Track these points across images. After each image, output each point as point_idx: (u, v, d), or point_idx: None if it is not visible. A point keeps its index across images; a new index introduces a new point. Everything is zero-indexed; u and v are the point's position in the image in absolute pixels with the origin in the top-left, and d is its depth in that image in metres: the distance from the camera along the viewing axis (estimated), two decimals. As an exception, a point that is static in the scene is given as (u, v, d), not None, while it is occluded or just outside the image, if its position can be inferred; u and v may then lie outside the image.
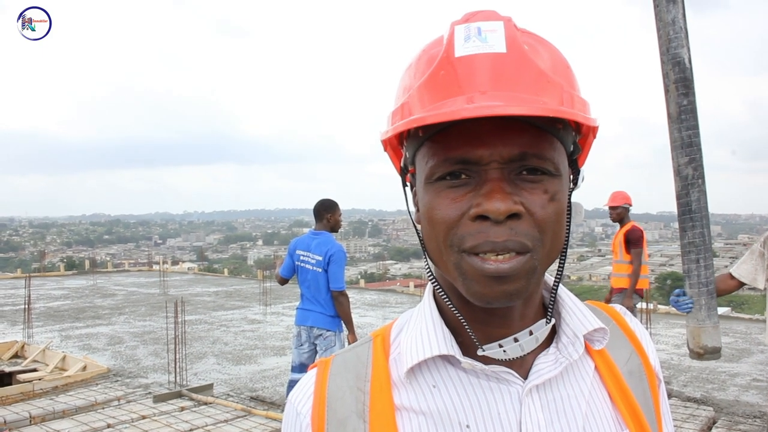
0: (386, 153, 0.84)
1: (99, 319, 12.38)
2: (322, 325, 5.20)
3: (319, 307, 5.20)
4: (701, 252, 3.38)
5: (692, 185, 3.33)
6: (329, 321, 5.20)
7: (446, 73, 0.69)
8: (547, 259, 0.71)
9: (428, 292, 0.82)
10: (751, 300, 25.80)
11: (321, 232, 5.33)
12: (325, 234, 5.33)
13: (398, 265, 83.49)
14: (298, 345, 5.33)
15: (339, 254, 5.21)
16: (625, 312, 0.90)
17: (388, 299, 15.76)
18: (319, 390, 0.79)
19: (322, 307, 5.20)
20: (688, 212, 3.36)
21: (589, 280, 64.72)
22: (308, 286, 5.26)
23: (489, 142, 0.67)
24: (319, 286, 5.20)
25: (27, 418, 6.05)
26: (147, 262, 29.53)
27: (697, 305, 3.45)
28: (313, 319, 5.22)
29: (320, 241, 5.26)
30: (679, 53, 3.24)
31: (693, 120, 3.29)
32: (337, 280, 5.17)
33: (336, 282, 5.16)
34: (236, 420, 6.16)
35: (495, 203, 0.66)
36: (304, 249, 5.31)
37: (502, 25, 0.70)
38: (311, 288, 5.24)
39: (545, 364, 0.76)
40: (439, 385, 0.76)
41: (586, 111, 0.73)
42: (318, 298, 5.21)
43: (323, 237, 5.30)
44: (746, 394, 7.12)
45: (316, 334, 5.23)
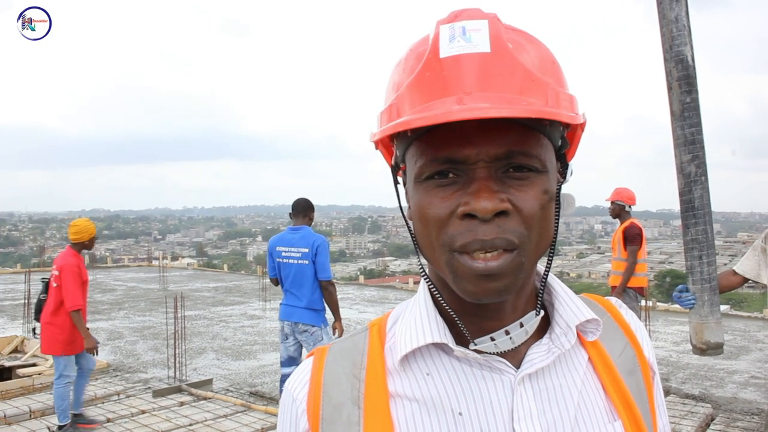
0: (378, 150, 0.85)
1: (98, 314, 12.39)
2: (307, 321, 5.28)
3: (303, 303, 5.28)
4: (704, 249, 3.38)
5: (695, 182, 3.33)
6: (314, 316, 5.28)
7: (432, 74, 0.70)
8: (535, 254, 0.72)
9: (423, 285, 0.83)
10: (750, 298, 25.86)
11: (301, 227, 5.43)
12: (306, 228, 5.44)
13: (398, 261, 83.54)
14: (283, 339, 5.43)
15: (324, 245, 5.37)
16: (621, 305, 0.91)
17: (387, 295, 15.79)
18: (315, 377, 0.81)
19: (306, 301, 5.27)
20: (691, 209, 3.37)
21: (588, 278, 64.81)
22: (291, 281, 5.34)
23: (475, 141, 0.68)
24: (303, 279, 5.28)
25: (27, 413, 6.08)
26: (146, 257, 29.55)
27: (699, 301, 3.46)
28: (298, 315, 5.30)
29: (303, 235, 5.37)
30: (682, 51, 3.24)
31: (696, 117, 3.29)
32: (325, 270, 5.31)
33: (324, 272, 5.29)
34: (235, 415, 6.17)
35: (482, 202, 0.67)
36: (285, 245, 5.40)
37: (486, 24, 0.71)
38: (294, 282, 5.32)
39: (538, 354, 0.77)
40: (432, 372, 0.77)
41: (573, 107, 0.73)
42: (301, 292, 5.28)
43: (305, 231, 5.41)
44: (744, 391, 7.13)
45: (301, 329, 5.31)
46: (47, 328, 5.40)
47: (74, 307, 5.27)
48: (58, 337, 5.35)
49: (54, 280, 5.36)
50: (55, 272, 5.38)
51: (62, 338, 5.34)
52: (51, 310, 5.36)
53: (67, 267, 5.30)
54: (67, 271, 5.28)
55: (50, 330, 5.38)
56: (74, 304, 5.26)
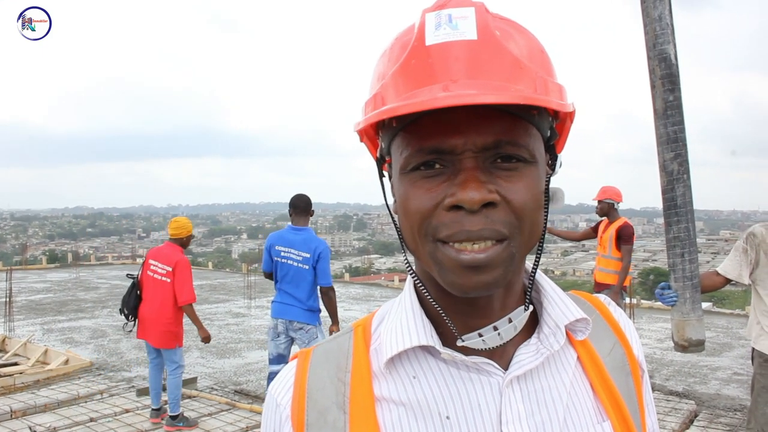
0: (363, 144, 0.83)
1: (81, 312, 12.29)
2: (302, 320, 5.25)
3: (298, 302, 5.25)
4: (686, 246, 3.41)
5: (677, 180, 3.35)
6: (309, 315, 5.26)
7: (417, 62, 0.69)
8: (525, 247, 0.71)
9: (408, 283, 0.81)
10: (732, 296, 26.09)
11: (303, 228, 5.36)
12: (308, 230, 5.37)
13: (383, 259, 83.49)
14: (274, 337, 5.38)
15: (326, 251, 5.31)
16: (609, 302, 0.90)
17: (372, 293, 15.77)
18: (299, 381, 0.79)
19: (301, 301, 5.24)
20: (673, 207, 3.38)
21: (573, 275, 65.09)
22: (289, 282, 5.29)
23: (462, 131, 0.66)
24: (301, 281, 5.24)
25: (8, 413, 6.00)
26: (131, 255, 29.31)
27: (681, 299, 3.48)
28: (293, 313, 5.26)
29: (305, 238, 5.28)
30: (666, 49, 3.25)
31: (678, 116, 3.31)
32: (326, 276, 5.27)
33: (325, 278, 5.26)
34: (220, 414, 6.15)
35: (469, 192, 0.65)
36: (285, 245, 5.32)
37: (473, 12, 0.69)
38: (292, 283, 5.27)
39: (526, 355, 0.76)
40: (419, 375, 0.75)
41: (562, 97, 0.72)
42: (298, 293, 5.25)
43: (307, 234, 5.33)
44: (727, 387, 7.20)
45: (296, 327, 5.27)
46: (157, 324, 5.49)
47: (190, 300, 5.53)
48: (173, 330, 5.54)
49: (165, 276, 5.46)
50: (161, 268, 5.47)
51: (177, 330, 5.58)
52: (158, 305, 5.47)
53: (182, 262, 5.50)
54: (183, 266, 5.50)
55: (162, 325, 5.48)
56: (190, 297, 5.52)
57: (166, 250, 5.61)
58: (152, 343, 5.59)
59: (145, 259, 5.72)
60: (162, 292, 5.45)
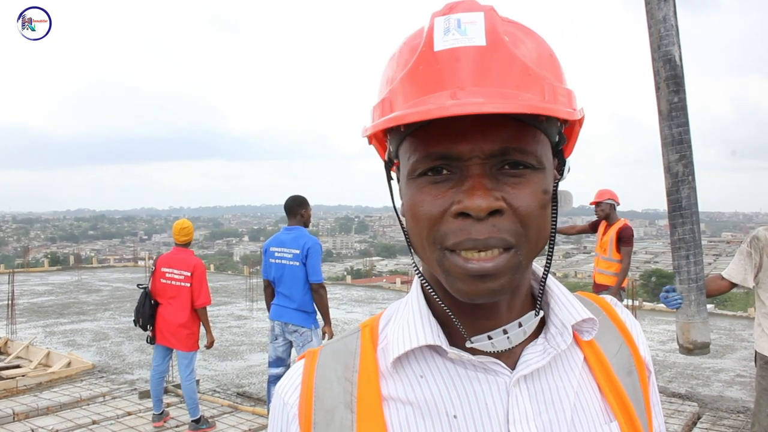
0: (372, 145, 0.83)
1: (84, 315, 12.29)
2: (297, 322, 5.26)
3: (294, 304, 5.26)
4: (691, 248, 3.40)
5: (682, 182, 3.34)
6: (304, 318, 5.26)
7: (425, 68, 0.68)
8: (532, 253, 0.71)
9: (416, 284, 0.81)
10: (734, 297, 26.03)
11: (294, 227, 5.40)
12: (299, 228, 5.40)
13: (384, 261, 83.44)
14: (273, 339, 5.42)
15: (316, 247, 5.32)
16: (616, 303, 0.90)
17: (374, 295, 15.77)
18: (307, 380, 0.79)
19: (297, 303, 5.25)
20: (678, 209, 3.38)
21: (574, 277, 65.02)
22: (284, 282, 5.31)
23: (470, 137, 0.66)
24: (295, 280, 5.25)
25: (11, 415, 6.00)
26: (132, 257, 29.34)
27: (686, 301, 3.47)
28: (288, 315, 5.28)
29: (295, 236, 5.33)
30: (670, 51, 3.25)
31: (683, 117, 3.30)
32: (316, 272, 5.27)
33: (315, 275, 5.26)
34: (223, 416, 6.14)
35: (476, 200, 0.65)
36: (278, 246, 5.37)
37: (482, 17, 0.69)
38: (287, 283, 5.29)
39: (533, 355, 0.76)
40: (426, 375, 0.75)
41: (571, 102, 0.72)
42: (293, 293, 5.26)
43: (298, 231, 5.37)
44: (730, 389, 7.19)
45: (291, 329, 5.29)
46: (180, 329, 5.50)
47: (207, 303, 5.60)
48: (195, 330, 5.59)
49: (183, 281, 5.51)
50: (179, 273, 5.51)
51: (197, 331, 5.63)
52: (178, 309, 5.50)
53: (200, 266, 5.62)
54: (201, 271, 5.59)
55: (185, 328, 5.51)
56: (207, 300, 5.60)
57: (180, 256, 5.64)
58: (175, 347, 5.60)
59: (155, 267, 5.71)
60: (182, 297, 5.50)
